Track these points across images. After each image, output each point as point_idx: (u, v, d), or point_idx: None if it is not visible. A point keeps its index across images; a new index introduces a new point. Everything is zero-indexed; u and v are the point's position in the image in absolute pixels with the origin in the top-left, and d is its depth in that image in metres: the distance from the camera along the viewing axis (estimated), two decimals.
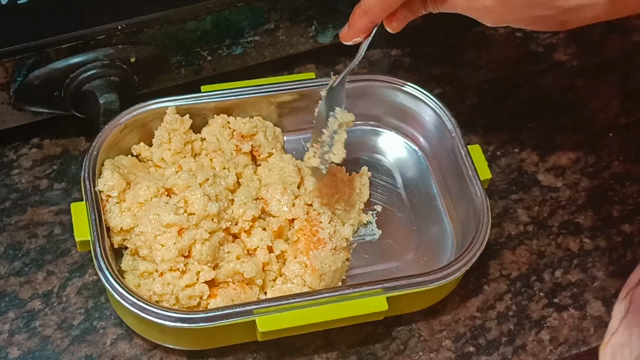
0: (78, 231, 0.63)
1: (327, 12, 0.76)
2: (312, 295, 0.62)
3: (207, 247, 0.63)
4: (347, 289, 0.62)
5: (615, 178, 0.78)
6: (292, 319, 0.60)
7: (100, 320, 0.67)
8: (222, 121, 0.72)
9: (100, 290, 0.68)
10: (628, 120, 0.82)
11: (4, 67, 0.66)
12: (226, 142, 0.71)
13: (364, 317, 0.62)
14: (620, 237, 0.75)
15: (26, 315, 0.66)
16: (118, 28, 0.68)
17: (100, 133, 0.68)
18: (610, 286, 0.72)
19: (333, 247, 0.66)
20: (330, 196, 0.70)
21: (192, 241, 0.63)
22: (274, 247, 0.66)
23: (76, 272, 0.69)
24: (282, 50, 0.78)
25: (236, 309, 0.60)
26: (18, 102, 0.69)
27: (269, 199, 0.68)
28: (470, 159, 0.69)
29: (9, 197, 0.72)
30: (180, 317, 0.60)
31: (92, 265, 0.69)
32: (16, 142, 0.75)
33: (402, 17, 0.65)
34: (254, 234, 0.66)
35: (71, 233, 0.70)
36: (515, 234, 0.74)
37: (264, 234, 0.66)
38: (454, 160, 0.70)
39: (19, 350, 0.65)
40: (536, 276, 0.72)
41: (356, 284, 0.64)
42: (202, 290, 0.63)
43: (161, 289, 0.62)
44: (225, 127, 0.72)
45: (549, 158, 0.79)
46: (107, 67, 0.68)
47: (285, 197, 0.68)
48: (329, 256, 0.65)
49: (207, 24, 0.71)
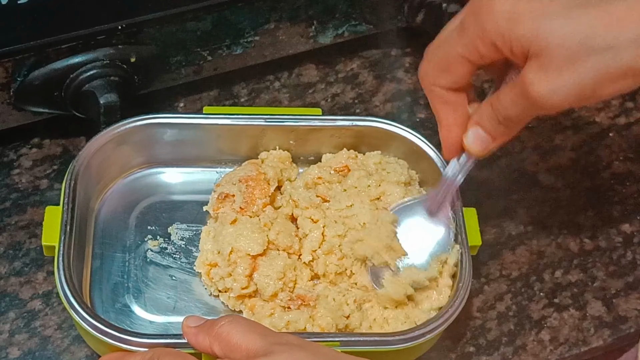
0: (46, 235, 0.62)
1: (327, 12, 0.76)
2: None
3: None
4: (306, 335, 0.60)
5: (615, 178, 0.78)
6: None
7: None
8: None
9: None
10: (628, 120, 0.82)
11: (4, 67, 0.66)
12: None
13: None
14: (620, 237, 0.75)
15: (26, 315, 0.66)
16: (118, 28, 0.68)
17: (91, 141, 0.67)
18: (610, 286, 0.72)
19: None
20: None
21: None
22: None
23: None
24: (282, 50, 0.78)
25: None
26: (18, 102, 0.69)
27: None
28: (463, 221, 0.66)
29: (9, 197, 0.72)
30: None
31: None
32: (16, 142, 0.75)
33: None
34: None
35: None
36: (515, 234, 0.74)
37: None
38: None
39: (19, 350, 0.65)
40: (536, 276, 0.72)
41: (314, 332, 0.62)
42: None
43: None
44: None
45: (549, 158, 0.79)
46: (107, 67, 0.68)
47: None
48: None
49: (207, 24, 0.71)
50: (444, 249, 0.65)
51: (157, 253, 0.68)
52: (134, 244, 0.68)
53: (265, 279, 0.64)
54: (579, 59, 0.52)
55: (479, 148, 0.60)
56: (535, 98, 0.54)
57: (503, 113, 0.57)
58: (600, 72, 0.52)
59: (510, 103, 0.57)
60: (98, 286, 0.66)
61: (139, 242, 0.68)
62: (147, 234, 0.69)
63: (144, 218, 0.70)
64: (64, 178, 0.65)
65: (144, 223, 0.69)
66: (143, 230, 0.69)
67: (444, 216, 0.65)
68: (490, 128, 0.59)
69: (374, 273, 0.65)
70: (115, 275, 0.67)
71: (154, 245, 0.68)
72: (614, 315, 0.70)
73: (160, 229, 0.69)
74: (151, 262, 0.68)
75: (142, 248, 0.68)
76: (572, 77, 0.53)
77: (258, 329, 0.55)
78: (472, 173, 0.72)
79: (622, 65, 0.52)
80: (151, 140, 0.70)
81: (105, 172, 0.70)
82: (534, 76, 0.54)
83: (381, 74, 0.83)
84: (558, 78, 0.53)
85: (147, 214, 0.70)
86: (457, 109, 0.60)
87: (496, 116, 0.58)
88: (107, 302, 0.65)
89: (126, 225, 0.69)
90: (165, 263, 0.68)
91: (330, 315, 0.63)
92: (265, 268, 0.64)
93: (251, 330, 0.54)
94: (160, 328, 0.65)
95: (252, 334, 0.54)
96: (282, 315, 0.63)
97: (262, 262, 0.65)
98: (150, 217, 0.70)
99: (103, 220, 0.69)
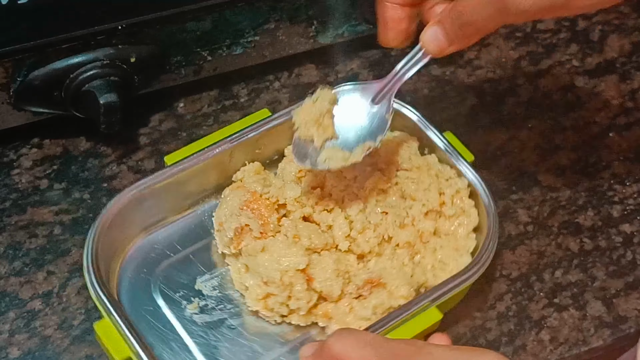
0: (115, 350, 0.59)
1: (327, 12, 0.76)
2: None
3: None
4: (400, 311, 0.61)
5: (615, 178, 0.78)
6: None
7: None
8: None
9: None
10: (628, 120, 0.82)
11: (4, 67, 0.66)
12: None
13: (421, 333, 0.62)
14: (620, 237, 0.75)
15: (26, 315, 0.66)
16: (118, 28, 0.68)
17: (92, 232, 0.64)
18: (610, 286, 0.72)
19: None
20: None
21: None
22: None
23: (76, 272, 0.69)
24: (282, 50, 0.78)
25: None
26: (18, 102, 0.69)
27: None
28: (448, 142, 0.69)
29: (9, 197, 0.72)
30: None
31: None
32: (16, 142, 0.75)
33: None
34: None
35: (71, 233, 0.71)
36: (515, 234, 0.74)
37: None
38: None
39: (19, 350, 0.65)
40: (536, 276, 0.72)
41: (404, 305, 0.63)
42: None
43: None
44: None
45: (549, 158, 0.79)
46: (107, 67, 0.68)
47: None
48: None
49: (207, 24, 0.71)
50: (373, 138, 0.64)
51: (202, 313, 0.66)
52: (175, 316, 0.65)
53: (327, 282, 0.63)
54: None
55: (435, 48, 0.60)
56: (511, 3, 0.53)
57: (467, 17, 0.56)
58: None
59: (477, 5, 0.55)
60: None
61: (178, 311, 0.66)
62: (180, 302, 0.66)
63: (168, 286, 0.67)
64: (92, 289, 0.61)
65: (169, 292, 0.66)
66: (174, 300, 0.66)
67: (384, 107, 0.64)
68: (450, 31, 0.58)
69: (297, 145, 0.64)
70: (179, 352, 0.64)
71: (194, 308, 0.66)
72: (614, 315, 0.70)
73: (188, 291, 0.67)
74: (203, 324, 0.65)
75: (185, 315, 0.65)
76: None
77: (369, 342, 0.52)
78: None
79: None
80: (133, 210, 0.67)
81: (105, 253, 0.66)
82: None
83: (381, 74, 0.83)
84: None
85: (167, 282, 0.67)
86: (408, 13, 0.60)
87: (459, 19, 0.57)
88: None
89: (153, 302, 0.66)
90: (217, 318, 0.66)
91: (403, 282, 0.63)
92: (320, 273, 0.64)
93: (362, 345, 0.51)
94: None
95: (365, 350, 0.51)
96: (364, 306, 0.63)
97: (313, 271, 0.64)
98: (172, 284, 0.67)
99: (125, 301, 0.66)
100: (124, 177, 0.74)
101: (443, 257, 0.66)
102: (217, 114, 0.79)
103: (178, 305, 0.66)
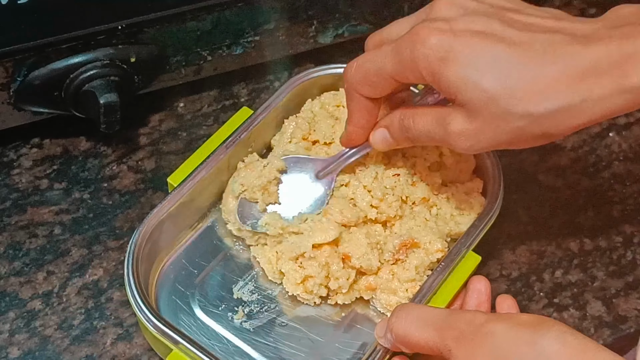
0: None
1: (327, 12, 0.76)
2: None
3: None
4: (444, 265, 0.64)
5: (615, 178, 0.78)
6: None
7: (100, 320, 0.67)
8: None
9: (100, 290, 0.68)
10: (628, 120, 0.82)
11: (4, 67, 0.66)
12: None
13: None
14: (620, 237, 0.75)
15: (26, 315, 0.66)
16: (118, 28, 0.68)
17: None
18: (610, 286, 0.72)
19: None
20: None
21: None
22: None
23: (76, 272, 0.69)
24: (282, 50, 0.78)
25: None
26: (18, 102, 0.69)
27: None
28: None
29: (9, 197, 0.72)
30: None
31: (93, 265, 0.69)
32: (16, 142, 0.75)
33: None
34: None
35: (71, 233, 0.71)
36: (515, 234, 0.74)
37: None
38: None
39: (19, 350, 0.65)
40: (536, 276, 0.72)
41: (444, 258, 0.65)
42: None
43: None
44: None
45: (549, 158, 0.79)
46: (107, 67, 0.68)
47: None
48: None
49: (207, 24, 0.71)
50: (311, 210, 0.67)
51: (251, 319, 0.65)
52: (226, 329, 0.65)
53: (364, 257, 0.64)
54: (502, 121, 0.54)
55: (382, 147, 0.64)
56: (454, 145, 0.57)
57: (413, 134, 0.60)
58: (517, 133, 0.55)
59: (424, 131, 0.59)
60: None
61: (227, 324, 0.65)
62: (225, 315, 0.65)
63: (208, 302, 0.66)
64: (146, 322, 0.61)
65: (211, 308, 0.66)
66: (219, 315, 0.65)
67: (326, 184, 0.68)
68: (397, 137, 0.62)
69: (242, 205, 0.67)
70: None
71: (241, 316, 0.65)
72: (614, 315, 0.70)
73: (229, 302, 0.66)
74: (256, 329, 0.65)
75: (235, 326, 0.65)
76: (492, 136, 0.55)
77: (430, 321, 0.54)
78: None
79: (538, 131, 0.54)
80: (156, 238, 0.66)
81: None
82: (459, 127, 0.56)
83: None
84: (480, 134, 0.55)
85: (205, 299, 0.66)
86: (371, 114, 0.63)
87: (406, 133, 0.61)
88: None
89: (198, 321, 0.65)
90: (266, 320, 0.66)
91: (434, 237, 0.65)
92: (356, 249, 0.64)
93: (423, 325, 0.55)
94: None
95: (426, 331, 0.54)
96: (405, 268, 0.65)
97: (348, 247, 0.65)
98: (210, 299, 0.66)
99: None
100: (124, 177, 0.74)
101: (457, 203, 0.69)
102: (217, 114, 0.79)
103: (225, 319, 0.65)
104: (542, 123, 0.53)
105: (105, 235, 0.71)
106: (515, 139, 0.55)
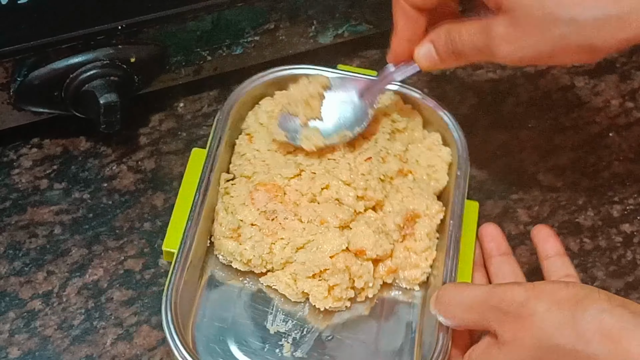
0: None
1: (327, 12, 0.76)
2: None
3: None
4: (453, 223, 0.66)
5: (615, 178, 0.78)
6: None
7: (100, 320, 0.67)
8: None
9: (100, 290, 0.68)
10: (628, 120, 0.82)
11: (4, 67, 0.66)
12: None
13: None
14: (620, 237, 0.75)
15: (26, 315, 0.66)
16: (118, 28, 0.68)
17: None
18: (610, 286, 0.72)
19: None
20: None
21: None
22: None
23: (76, 272, 0.69)
24: (282, 50, 0.78)
25: None
26: (18, 102, 0.69)
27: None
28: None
29: (9, 197, 0.72)
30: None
31: (93, 265, 0.69)
32: (16, 142, 0.75)
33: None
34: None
35: (71, 233, 0.71)
36: (515, 234, 0.74)
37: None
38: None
39: (19, 350, 0.65)
40: (536, 276, 0.72)
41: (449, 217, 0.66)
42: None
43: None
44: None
45: (549, 158, 0.79)
46: (107, 67, 0.68)
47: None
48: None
49: (207, 24, 0.71)
50: (351, 128, 0.68)
51: (299, 347, 0.63)
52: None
53: (377, 245, 0.64)
54: (546, 26, 0.54)
55: (427, 64, 0.64)
56: (496, 51, 0.57)
57: (459, 47, 0.60)
58: (560, 43, 0.54)
59: (469, 42, 0.59)
60: None
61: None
62: (273, 352, 0.63)
63: (248, 346, 0.63)
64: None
65: (255, 350, 0.63)
66: (265, 355, 0.63)
67: (369, 101, 0.68)
68: (443, 52, 0.62)
69: (283, 117, 0.68)
70: None
71: (289, 349, 0.63)
72: None
73: (269, 339, 0.64)
74: (309, 353, 0.63)
75: (288, 358, 0.63)
76: (535, 42, 0.55)
77: (472, 304, 0.56)
78: (472, 173, 0.72)
79: (582, 41, 0.53)
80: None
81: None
82: (502, 31, 0.56)
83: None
84: (523, 40, 0.55)
85: (244, 345, 0.63)
86: (416, 26, 0.63)
87: (451, 45, 0.60)
88: None
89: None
90: (312, 341, 0.64)
91: (427, 201, 0.67)
92: (366, 241, 0.64)
93: (466, 309, 0.57)
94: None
95: (471, 315, 0.56)
96: (417, 239, 0.66)
97: (357, 242, 0.64)
98: (250, 343, 0.63)
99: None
100: (124, 177, 0.74)
101: (426, 161, 0.70)
102: (217, 114, 0.79)
103: (275, 356, 0.63)
104: (588, 32, 0.53)
105: (105, 235, 0.71)
106: (558, 49, 0.54)
